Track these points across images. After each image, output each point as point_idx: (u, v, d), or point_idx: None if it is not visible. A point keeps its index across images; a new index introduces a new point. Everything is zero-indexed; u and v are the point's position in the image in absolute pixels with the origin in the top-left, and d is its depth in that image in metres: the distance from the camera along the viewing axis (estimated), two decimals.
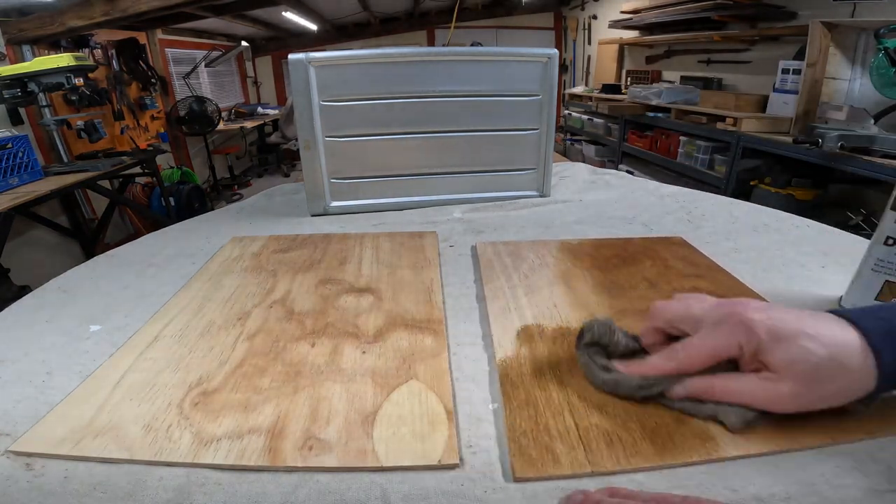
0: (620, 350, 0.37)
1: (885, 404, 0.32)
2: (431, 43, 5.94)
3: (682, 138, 2.92)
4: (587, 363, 0.37)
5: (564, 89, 5.18)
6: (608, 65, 4.70)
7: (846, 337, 0.29)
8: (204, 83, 4.88)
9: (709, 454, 0.29)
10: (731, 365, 0.33)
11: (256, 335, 0.44)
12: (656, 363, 0.34)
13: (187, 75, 4.36)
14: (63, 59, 2.12)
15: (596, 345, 0.37)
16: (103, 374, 0.38)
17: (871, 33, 2.00)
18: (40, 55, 2.42)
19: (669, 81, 3.68)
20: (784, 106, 2.37)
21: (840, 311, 0.31)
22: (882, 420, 0.31)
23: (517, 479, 0.28)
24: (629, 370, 0.35)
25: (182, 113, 4.01)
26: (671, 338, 0.36)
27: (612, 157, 3.86)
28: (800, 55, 2.30)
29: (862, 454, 0.29)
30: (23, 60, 2.35)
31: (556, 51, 0.79)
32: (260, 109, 5.46)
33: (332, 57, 0.73)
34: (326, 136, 0.77)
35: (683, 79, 3.53)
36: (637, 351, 0.37)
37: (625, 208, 0.80)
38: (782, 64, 2.40)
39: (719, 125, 2.55)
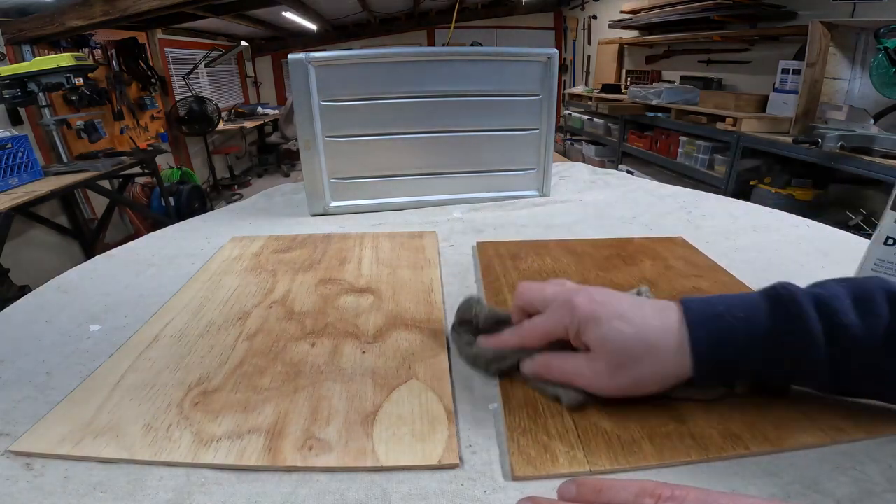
0: (483, 323, 0.39)
1: (885, 404, 0.32)
2: (431, 43, 5.94)
3: (681, 138, 2.92)
4: (455, 339, 0.40)
5: (564, 89, 5.19)
6: (608, 65, 4.70)
7: (663, 321, 0.30)
8: (204, 83, 4.88)
9: (708, 454, 0.29)
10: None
11: (256, 335, 0.44)
12: (505, 337, 0.36)
13: (187, 75, 4.36)
14: (63, 59, 2.12)
15: (464, 323, 0.40)
16: (103, 374, 0.38)
17: (871, 33, 2.00)
18: (40, 55, 2.42)
19: (669, 81, 3.69)
20: (784, 106, 2.37)
21: (684, 299, 0.31)
22: (882, 420, 0.31)
23: (516, 478, 0.28)
24: (486, 343, 0.37)
25: (182, 113, 4.02)
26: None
27: (612, 157, 3.86)
28: (800, 55, 2.30)
29: (861, 454, 0.29)
30: (23, 60, 2.35)
31: (556, 51, 0.79)
32: (260, 109, 5.46)
33: (332, 57, 0.73)
34: (326, 136, 0.77)
35: (683, 79, 3.53)
36: (505, 325, 0.38)
37: (625, 208, 0.80)
38: (782, 64, 2.40)
39: (719, 125, 2.55)
